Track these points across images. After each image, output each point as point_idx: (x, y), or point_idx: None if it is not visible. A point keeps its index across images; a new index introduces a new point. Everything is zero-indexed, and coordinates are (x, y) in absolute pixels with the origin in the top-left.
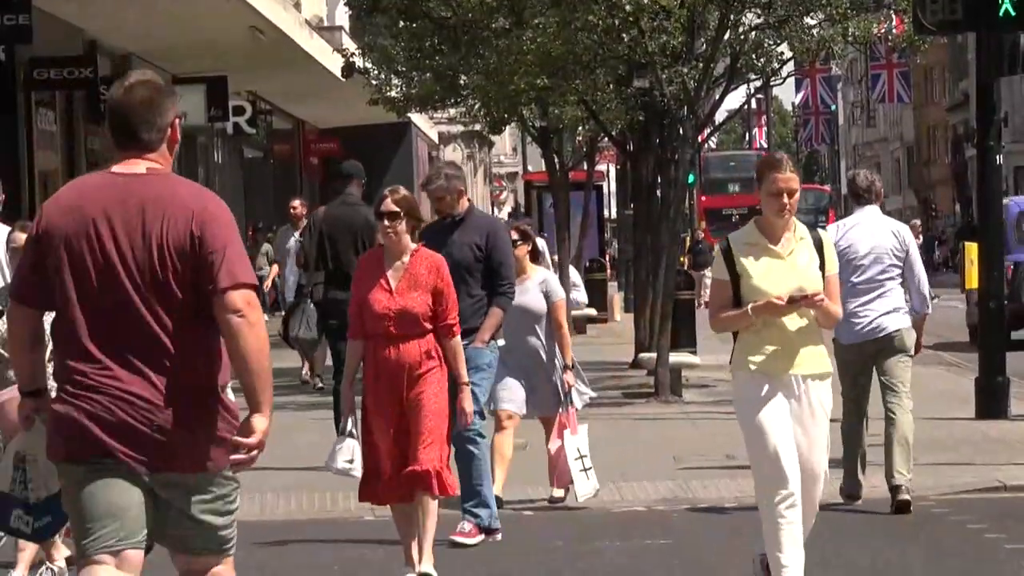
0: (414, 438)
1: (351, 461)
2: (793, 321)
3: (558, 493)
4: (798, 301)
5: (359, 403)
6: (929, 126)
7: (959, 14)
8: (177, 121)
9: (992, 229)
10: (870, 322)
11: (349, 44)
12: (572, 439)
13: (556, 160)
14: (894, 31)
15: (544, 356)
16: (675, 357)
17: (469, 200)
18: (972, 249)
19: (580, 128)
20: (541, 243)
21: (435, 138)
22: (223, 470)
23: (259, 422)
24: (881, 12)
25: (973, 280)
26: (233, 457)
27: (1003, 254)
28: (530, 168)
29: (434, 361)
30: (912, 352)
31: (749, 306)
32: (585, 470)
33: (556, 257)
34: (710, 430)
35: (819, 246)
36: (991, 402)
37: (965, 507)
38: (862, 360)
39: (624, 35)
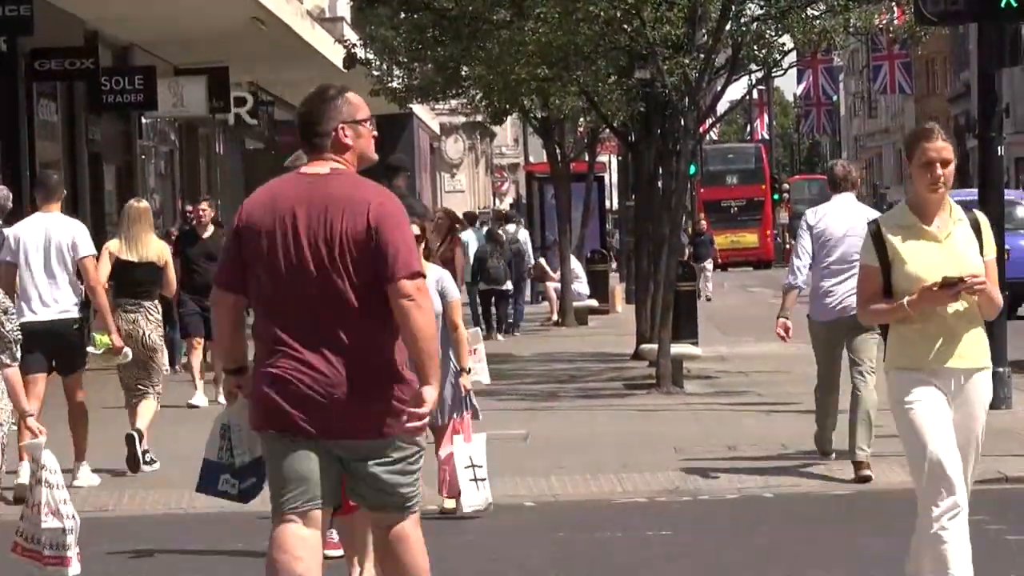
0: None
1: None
2: (953, 310)
3: (449, 504)
4: (956, 287)
5: None
6: (931, 117)
7: (960, 4)
8: (344, 127)
9: (993, 219)
10: (841, 301)
11: (351, 35)
12: (464, 447)
13: (558, 151)
14: (896, 22)
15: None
16: (676, 348)
17: None
18: None
19: (581, 119)
20: (524, 235)
21: (437, 129)
22: (399, 436)
23: (428, 393)
24: (883, 2)
25: None
26: (408, 425)
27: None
28: (532, 159)
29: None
30: (875, 331)
31: (905, 300)
32: (476, 480)
33: (558, 248)
34: (711, 421)
35: (976, 227)
36: (993, 393)
37: None
38: (836, 336)
39: (626, 26)
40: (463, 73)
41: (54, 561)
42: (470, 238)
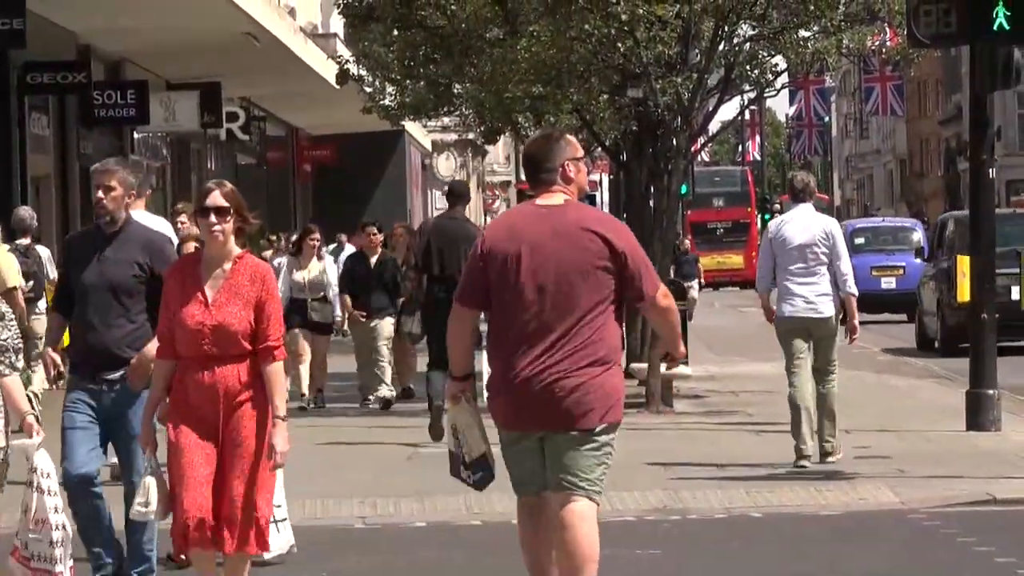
0: (230, 482)
1: (146, 504)
2: None
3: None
4: None
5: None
6: (922, 139)
7: (953, 27)
8: (568, 163)
9: (984, 242)
10: (806, 302)
11: (343, 51)
12: None
13: None
14: (888, 43)
15: None
16: (666, 368)
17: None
18: (964, 262)
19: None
20: None
21: (428, 146)
22: (605, 426)
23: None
24: (875, 24)
25: (965, 293)
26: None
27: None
28: (523, 177)
29: (257, 389)
30: (836, 335)
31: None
32: (276, 522)
33: None
34: (701, 441)
35: None
36: (981, 414)
37: (955, 520)
38: (800, 331)
39: (619, 44)
40: (455, 91)
41: (40, 574)
42: None
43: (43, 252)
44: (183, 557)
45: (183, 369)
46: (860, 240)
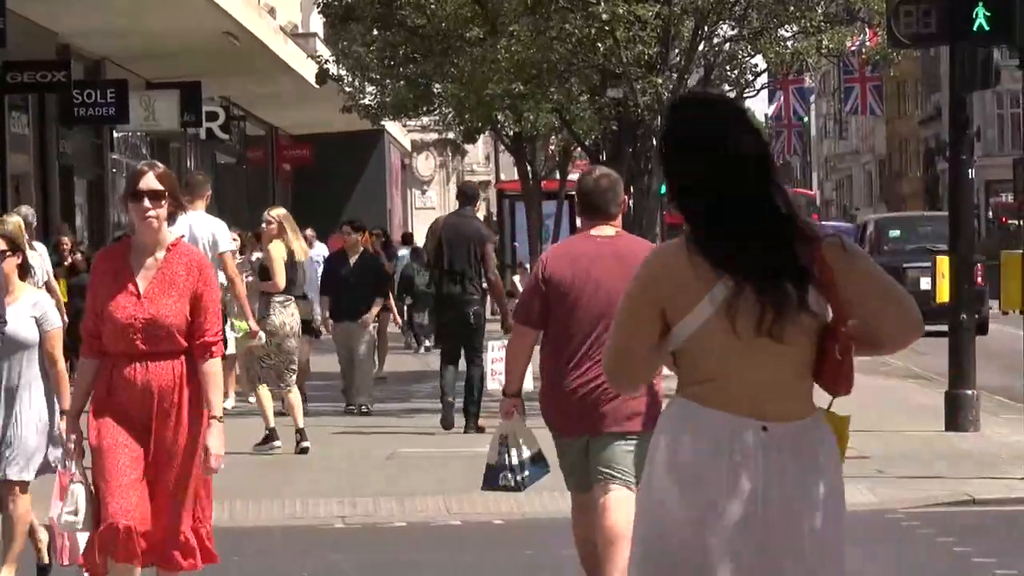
0: (163, 491)
1: (75, 512)
2: None
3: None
4: None
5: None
6: (901, 139)
7: (933, 27)
8: (623, 202)
9: (964, 242)
10: None
11: (323, 51)
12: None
13: (529, 169)
14: (868, 44)
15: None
16: None
17: None
18: (943, 262)
19: (553, 137)
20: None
21: (408, 146)
22: (644, 431)
23: None
24: (855, 25)
25: (944, 294)
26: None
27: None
28: (503, 177)
29: (193, 389)
30: None
31: None
32: None
33: (528, 265)
34: None
35: None
36: (960, 415)
37: (934, 520)
38: None
39: (599, 44)
40: (435, 90)
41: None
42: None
43: (40, 249)
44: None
45: (110, 367)
46: None
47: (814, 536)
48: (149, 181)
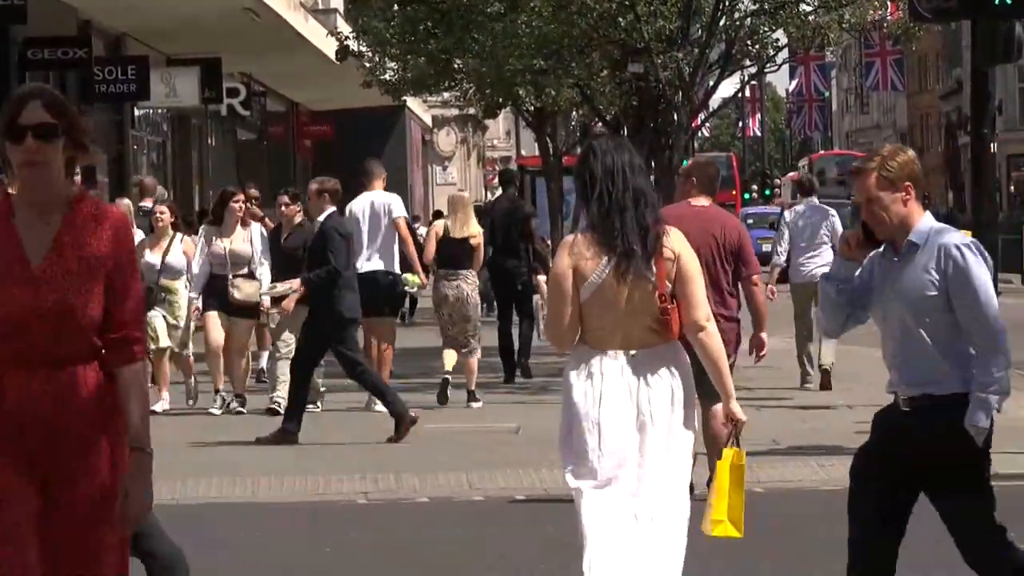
0: (61, 546)
1: None
2: None
3: None
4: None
5: None
6: (922, 113)
7: (954, 1)
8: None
9: (985, 216)
10: (810, 271)
11: (344, 27)
12: None
13: (550, 144)
14: (889, 18)
15: None
16: None
17: None
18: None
19: (574, 112)
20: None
21: (429, 122)
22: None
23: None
24: None
25: None
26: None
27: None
28: (524, 152)
29: (107, 404)
30: None
31: None
32: None
33: (549, 241)
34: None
35: None
36: None
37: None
38: (807, 294)
39: (620, 19)
40: (456, 65)
41: None
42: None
43: None
44: None
45: None
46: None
47: (663, 420)
48: (34, 112)
